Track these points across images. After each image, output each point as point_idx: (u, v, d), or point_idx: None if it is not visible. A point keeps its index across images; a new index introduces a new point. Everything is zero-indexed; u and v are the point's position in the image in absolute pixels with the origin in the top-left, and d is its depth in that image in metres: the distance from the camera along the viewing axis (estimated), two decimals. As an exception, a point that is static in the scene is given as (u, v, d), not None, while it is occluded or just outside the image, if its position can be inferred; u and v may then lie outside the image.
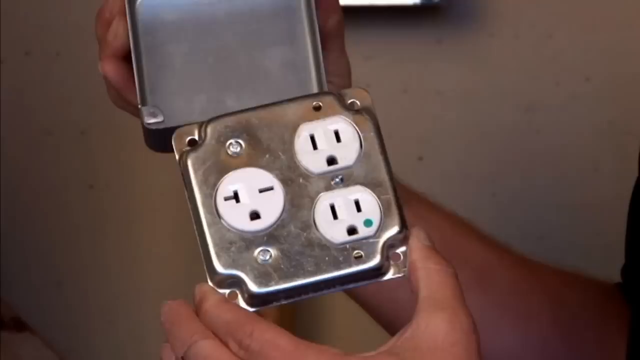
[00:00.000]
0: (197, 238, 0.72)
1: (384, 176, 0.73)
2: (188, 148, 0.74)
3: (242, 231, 0.73)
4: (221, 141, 0.75)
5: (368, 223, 0.72)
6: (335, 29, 0.86)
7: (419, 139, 1.39)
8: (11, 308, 1.47)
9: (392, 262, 0.71)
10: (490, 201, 1.42)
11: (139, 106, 0.76)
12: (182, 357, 0.70)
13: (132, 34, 0.78)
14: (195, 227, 0.72)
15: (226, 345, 0.70)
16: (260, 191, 0.73)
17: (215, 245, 0.73)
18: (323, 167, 0.73)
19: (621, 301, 0.98)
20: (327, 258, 0.71)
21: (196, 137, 0.75)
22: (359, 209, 0.72)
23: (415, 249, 0.74)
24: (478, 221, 1.31)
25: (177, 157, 0.73)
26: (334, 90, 0.78)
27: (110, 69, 0.84)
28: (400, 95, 1.39)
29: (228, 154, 0.74)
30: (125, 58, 0.81)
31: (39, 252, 1.56)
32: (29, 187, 1.60)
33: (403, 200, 0.76)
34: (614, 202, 1.31)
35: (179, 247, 1.50)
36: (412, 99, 1.38)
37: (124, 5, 0.78)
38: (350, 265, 0.70)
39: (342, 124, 0.74)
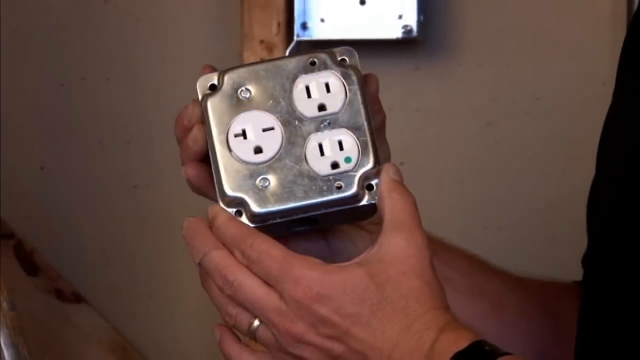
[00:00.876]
0: (212, 166, 0.83)
1: (363, 121, 0.83)
2: (209, 92, 0.84)
3: (247, 162, 0.82)
4: (234, 88, 0.84)
5: (348, 160, 0.82)
6: (380, 125, 0.94)
7: (401, 147, 1.34)
8: (71, 284, 1.64)
9: (366, 192, 0.81)
10: (458, 198, 1.55)
11: (224, 195, 0.84)
12: (199, 264, 0.81)
13: (210, 141, 0.85)
14: (211, 157, 0.83)
15: (232, 254, 0.81)
16: (264, 130, 0.83)
17: (226, 172, 0.82)
18: (315, 112, 0.84)
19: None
20: (313, 187, 0.82)
21: (216, 83, 0.85)
22: (341, 148, 0.82)
23: (384, 182, 0.82)
24: (448, 214, 1.33)
25: (199, 98, 0.84)
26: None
27: (192, 172, 0.89)
28: (386, 112, 1.33)
29: (239, 98, 0.84)
30: (204, 159, 0.88)
31: (92, 239, 1.70)
32: (85, 187, 1.71)
33: (388, 156, 0.86)
34: (559, 199, 1.55)
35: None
36: (396, 115, 1.42)
37: (202, 114, 0.86)
38: (332, 194, 0.81)
39: (332, 77, 0.83)
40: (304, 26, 1.59)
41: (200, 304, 1.62)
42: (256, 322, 0.83)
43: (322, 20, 1.59)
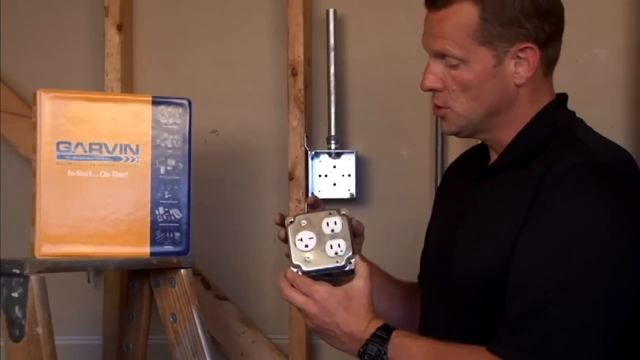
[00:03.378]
0: (289, 253, 1.16)
1: (349, 236, 1.15)
2: (289, 223, 1.17)
3: (302, 251, 1.14)
4: (299, 221, 1.15)
5: (341, 251, 1.14)
6: (360, 234, 1.27)
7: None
8: (223, 292, 1.95)
9: (349, 264, 1.13)
10: (373, 247, 1.46)
11: (293, 264, 1.15)
12: (278, 289, 1.17)
13: (288, 242, 1.16)
14: (288, 249, 1.17)
15: (293, 285, 1.17)
16: (309, 238, 1.13)
17: (293, 254, 1.15)
18: (329, 232, 1.14)
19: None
20: (327, 260, 1.14)
21: (292, 220, 1.16)
22: (339, 246, 1.13)
23: (357, 259, 1.17)
24: (369, 244, 1.35)
25: (286, 225, 1.17)
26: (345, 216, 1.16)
27: (286, 249, 1.19)
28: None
29: (301, 225, 1.15)
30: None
31: (230, 272, 1.98)
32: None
33: (359, 249, 1.19)
34: (409, 238, 1.72)
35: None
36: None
37: (286, 232, 1.17)
38: (335, 264, 1.14)
39: (337, 219, 1.14)
40: (312, 193, 1.87)
41: (278, 295, 1.52)
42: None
43: (319, 191, 1.89)
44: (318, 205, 1.24)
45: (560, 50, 1.28)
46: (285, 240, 1.20)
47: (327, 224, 1.14)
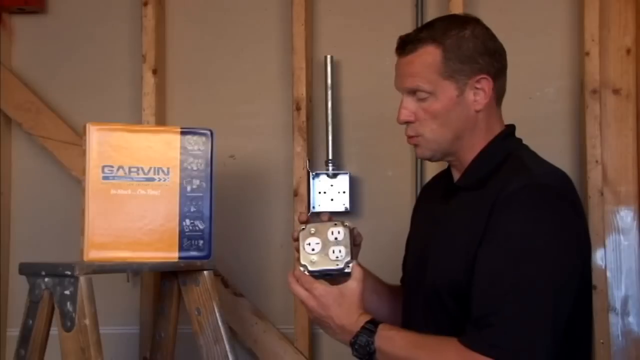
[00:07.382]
0: (298, 255, 1.14)
1: (349, 243, 1.13)
2: (300, 229, 1.15)
3: (309, 253, 1.13)
4: (309, 229, 1.13)
5: (341, 255, 1.12)
6: (359, 242, 1.25)
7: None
8: (239, 290, 1.91)
9: (347, 267, 1.10)
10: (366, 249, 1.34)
11: (300, 264, 1.13)
12: (287, 284, 1.17)
13: (300, 246, 1.13)
14: (298, 251, 1.15)
15: (298, 282, 1.15)
16: (316, 244, 1.12)
17: (302, 256, 1.13)
18: (333, 239, 1.12)
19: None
20: (329, 262, 1.12)
21: (304, 227, 1.14)
22: (340, 251, 1.12)
23: (354, 263, 1.15)
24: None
25: (299, 231, 1.15)
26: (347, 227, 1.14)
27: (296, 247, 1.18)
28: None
29: (310, 232, 1.13)
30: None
31: (244, 273, 1.94)
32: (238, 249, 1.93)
33: (356, 256, 1.15)
34: (393, 245, 1.54)
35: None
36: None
37: (298, 236, 1.15)
38: (335, 266, 1.12)
39: (341, 228, 1.13)
40: (313, 207, 1.88)
41: (285, 292, 1.79)
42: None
43: (319, 206, 1.88)
44: (309, 220, 1.23)
45: (508, 87, 1.30)
46: (297, 241, 1.19)
47: (332, 233, 1.13)
